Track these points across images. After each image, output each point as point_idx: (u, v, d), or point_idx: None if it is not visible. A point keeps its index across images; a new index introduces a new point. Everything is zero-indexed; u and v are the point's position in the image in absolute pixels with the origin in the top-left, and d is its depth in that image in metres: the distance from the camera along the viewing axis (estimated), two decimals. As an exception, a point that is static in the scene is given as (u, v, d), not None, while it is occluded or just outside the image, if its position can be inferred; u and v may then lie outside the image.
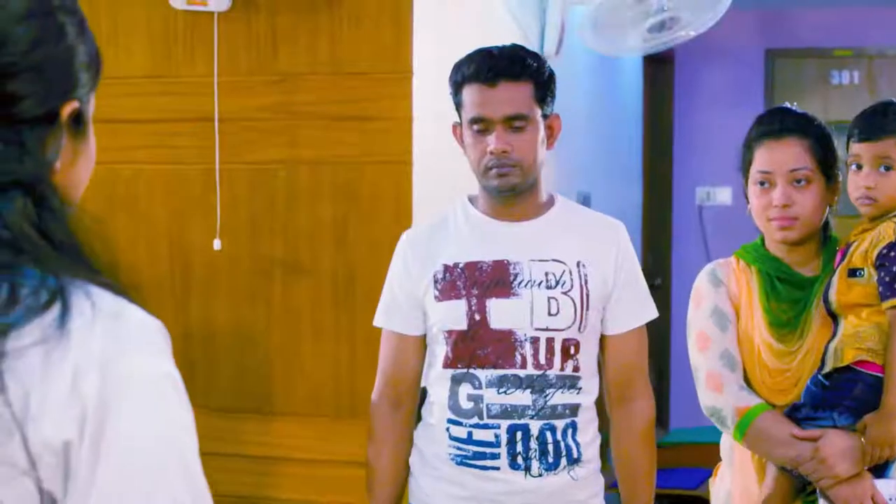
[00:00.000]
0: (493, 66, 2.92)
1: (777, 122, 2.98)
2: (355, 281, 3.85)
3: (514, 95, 2.92)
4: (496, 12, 4.56)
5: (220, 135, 3.89)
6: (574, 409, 2.95)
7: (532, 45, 4.87)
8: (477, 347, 2.93)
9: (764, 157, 2.96)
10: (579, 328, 2.95)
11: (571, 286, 2.95)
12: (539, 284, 2.94)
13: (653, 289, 8.96)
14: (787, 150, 2.94)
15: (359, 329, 3.81)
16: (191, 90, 3.93)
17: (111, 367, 1.19)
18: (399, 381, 3.09)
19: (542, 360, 2.92)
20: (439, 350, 2.99)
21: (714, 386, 2.95)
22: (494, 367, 2.91)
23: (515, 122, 2.92)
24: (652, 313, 3.11)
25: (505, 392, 2.91)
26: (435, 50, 3.88)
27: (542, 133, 2.98)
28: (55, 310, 1.18)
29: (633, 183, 7.64)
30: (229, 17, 3.87)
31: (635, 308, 3.07)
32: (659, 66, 8.01)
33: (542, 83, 2.98)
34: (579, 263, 2.97)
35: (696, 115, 8.19)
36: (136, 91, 3.97)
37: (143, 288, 1.31)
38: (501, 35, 3.05)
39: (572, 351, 2.95)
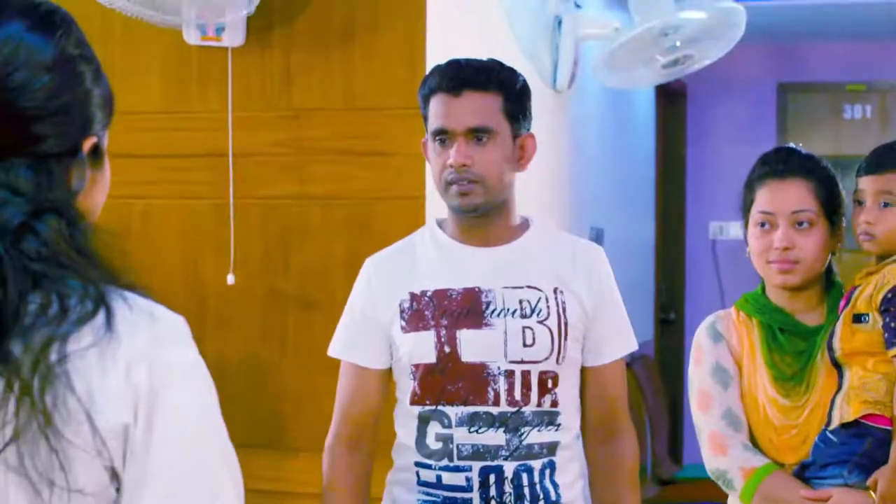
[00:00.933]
0: (457, 76, 2.73)
1: (781, 163, 2.89)
2: (368, 316, 3.84)
3: (478, 106, 2.70)
4: (508, 48, 4.57)
5: (233, 170, 3.90)
6: (552, 448, 2.72)
7: (544, 81, 4.89)
8: (447, 382, 2.69)
9: (766, 198, 2.86)
10: (557, 360, 2.72)
11: (548, 314, 2.71)
12: (513, 313, 2.70)
13: (666, 323, 8.93)
14: (790, 191, 2.84)
15: (372, 364, 3.80)
16: (204, 125, 3.94)
17: (155, 359, 1.43)
18: (358, 419, 2.84)
19: (518, 396, 2.68)
20: (406, 385, 2.76)
21: (718, 448, 2.83)
22: (465, 403, 2.68)
23: (478, 135, 2.69)
24: (633, 345, 2.88)
25: (476, 431, 2.67)
26: (448, 85, 3.89)
27: (510, 151, 2.74)
28: (101, 315, 1.40)
29: (646, 217, 7.64)
30: (243, 53, 3.89)
31: (617, 338, 2.84)
32: (671, 100, 8.01)
33: (513, 97, 2.75)
34: (556, 290, 2.74)
35: (708, 149, 8.20)
36: (150, 126, 3.99)
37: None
38: (514, 70, 3.03)
39: (550, 384, 2.71)
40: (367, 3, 3.83)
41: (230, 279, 3.88)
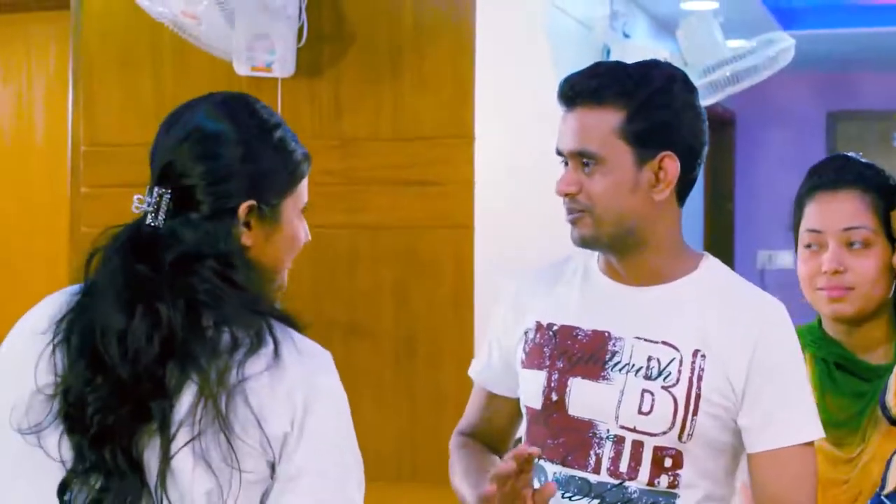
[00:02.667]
0: (571, 83, 2.27)
1: (832, 172, 2.49)
2: (416, 345, 3.84)
3: (585, 125, 2.21)
4: (557, 77, 4.58)
5: (282, 199, 3.92)
6: None
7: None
8: (548, 435, 2.27)
9: (814, 214, 2.46)
10: (680, 436, 2.18)
11: (677, 381, 2.19)
12: (637, 371, 2.21)
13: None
14: (841, 205, 2.43)
15: (419, 393, 3.80)
16: (254, 155, 3.97)
17: (310, 383, 1.81)
18: (482, 433, 2.47)
19: (623, 468, 2.20)
20: (524, 428, 2.36)
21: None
22: (563, 463, 2.24)
23: (584, 160, 2.21)
24: (813, 433, 2.22)
25: (569, 498, 2.23)
26: (496, 115, 3.90)
27: (629, 177, 2.21)
28: (270, 345, 1.79)
29: (694, 245, 7.59)
30: (293, 83, 3.91)
31: (787, 421, 2.20)
32: (720, 128, 7.99)
33: (642, 110, 2.23)
34: (697, 353, 2.20)
35: (757, 178, 8.17)
36: (201, 155, 4.01)
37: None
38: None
39: (668, 464, 2.19)
40: (415, 33, 3.85)
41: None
